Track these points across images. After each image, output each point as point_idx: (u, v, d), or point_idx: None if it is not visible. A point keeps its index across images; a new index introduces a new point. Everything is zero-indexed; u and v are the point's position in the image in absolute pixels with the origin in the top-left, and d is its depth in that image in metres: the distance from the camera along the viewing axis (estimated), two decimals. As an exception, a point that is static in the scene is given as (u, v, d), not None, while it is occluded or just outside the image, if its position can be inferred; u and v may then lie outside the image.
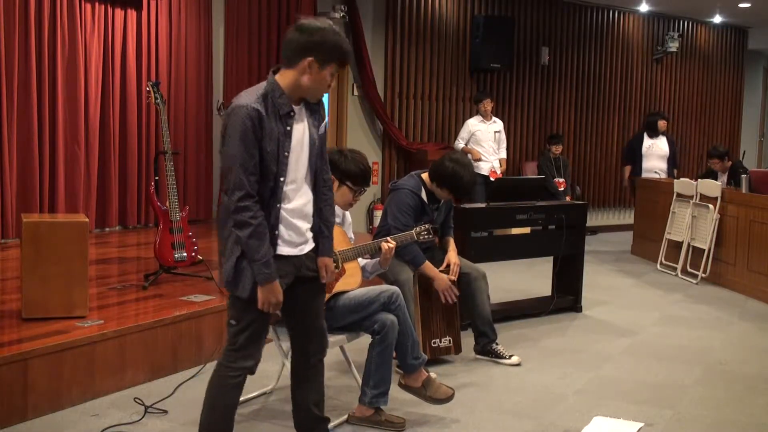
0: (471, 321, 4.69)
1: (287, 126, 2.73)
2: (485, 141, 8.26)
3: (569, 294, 5.91)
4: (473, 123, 8.33)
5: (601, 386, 4.25)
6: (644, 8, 10.85)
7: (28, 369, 3.50)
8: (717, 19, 11.66)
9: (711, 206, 7.09)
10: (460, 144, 8.34)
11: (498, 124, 8.41)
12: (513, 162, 9.90)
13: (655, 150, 8.97)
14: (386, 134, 8.99)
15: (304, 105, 2.82)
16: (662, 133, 9.06)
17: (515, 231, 5.68)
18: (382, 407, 3.57)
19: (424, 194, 4.46)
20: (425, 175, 4.50)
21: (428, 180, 4.48)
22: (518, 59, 9.96)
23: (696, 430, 3.68)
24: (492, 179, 7.92)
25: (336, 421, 3.51)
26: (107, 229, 7.11)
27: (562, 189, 9.32)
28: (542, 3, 10.16)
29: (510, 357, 4.58)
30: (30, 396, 3.51)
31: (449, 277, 4.43)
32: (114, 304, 4.46)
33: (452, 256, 4.54)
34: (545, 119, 10.38)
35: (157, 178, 5.38)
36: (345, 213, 3.77)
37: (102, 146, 6.99)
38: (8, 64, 6.18)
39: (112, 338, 3.88)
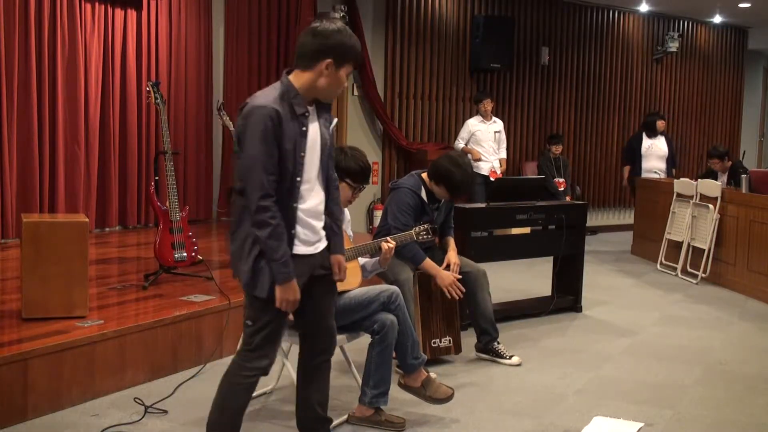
0: (473, 319, 4.69)
1: (303, 126, 2.77)
2: (485, 141, 8.26)
3: (569, 294, 5.90)
4: (473, 123, 8.33)
5: (601, 386, 4.25)
6: (644, 8, 10.85)
7: (28, 369, 3.50)
8: (717, 19, 11.66)
9: (711, 206, 7.09)
10: (460, 144, 8.34)
11: (498, 124, 8.41)
12: (513, 162, 9.90)
13: (655, 150, 8.97)
14: (386, 134, 8.99)
15: (315, 105, 2.85)
16: (661, 133, 9.06)
17: (515, 231, 5.68)
18: (382, 407, 3.57)
19: (424, 194, 4.46)
20: (425, 175, 4.51)
21: (428, 179, 4.48)
22: (518, 59, 9.96)
23: (696, 430, 3.68)
24: (492, 179, 7.92)
25: (336, 421, 3.51)
26: (107, 229, 7.11)
27: (562, 189, 9.32)
28: (542, 3, 10.16)
29: (510, 357, 4.58)
30: (30, 396, 3.51)
31: (453, 275, 4.43)
32: (114, 304, 4.46)
33: (452, 256, 4.54)
34: (545, 119, 10.38)
35: (157, 178, 5.38)
36: (344, 210, 3.77)
37: (102, 146, 6.99)
38: (8, 64, 6.18)
39: (112, 338, 3.88)
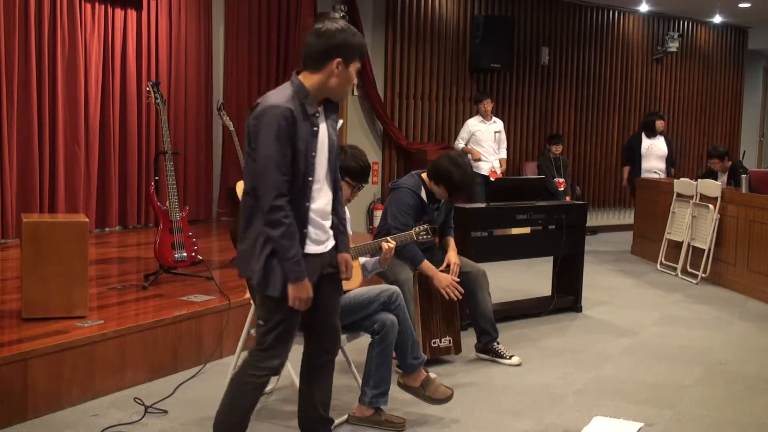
0: (472, 319, 4.69)
1: (314, 126, 2.79)
2: (485, 141, 8.26)
3: (569, 294, 5.90)
4: (473, 123, 8.33)
5: (601, 386, 4.25)
6: (644, 8, 10.85)
7: (28, 369, 3.50)
8: (717, 19, 11.66)
9: (711, 206, 7.09)
10: (460, 144, 8.34)
11: (498, 124, 8.41)
12: (513, 162, 9.89)
13: (654, 150, 8.97)
14: (386, 134, 8.99)
15: (323, 106, 2.87)
16: (660, 133, 9.05)
17: (515, 231, 5.68)
18: (382, 407, 3.57)
19: (424, 194, 4.46)
20: (425, 175, 4.51)
21: (427, 178, 4.48)
22: (518, 59, 9.95)
23: (696, 430, 3.68)
24: (492, 179, 7.92)
25: (336, 421, 3.50)
26: (107, 229, 7.11)
27: (562, 189, 9.31)
28: (542, 3, 10.16)
29: (510, 357, 4.58)
30: (30, 396, 3.51)
31: (452, 277, 4.43)
32: (114, 304, 4.46)
33: (452, 256, 4.54)
34: (545, 119, 10.38)
35: (157, 178, 5.38)
36: (345, 209, 3.77)
37: (102, 146, 6.99)
38: (8, 64, 6.18)
39: (112, 338, 3.88)
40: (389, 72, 8.94)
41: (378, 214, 8.47)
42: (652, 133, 8.98)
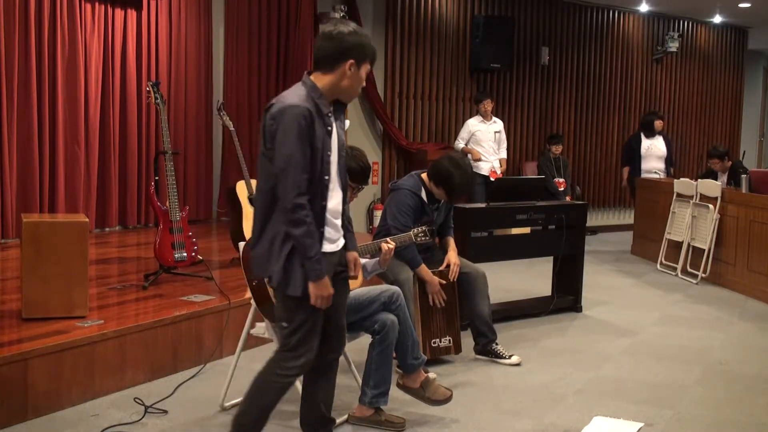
0: (470, 321, 4.69)
1: (328, 126, 2.81)
2: (485, 141, 8.26)
3: (569, 294, 5.90)
4: (473, 123, 8.33)
5: (601, 386, 4.25)
6: (644, 8, 10.85)
7: (28, 369, 3.50)
8: (717, 19, 11.66)
9: (711, 206, 7.09)
10: (460, 144, 8.34)
11: (498, 124, 8.41)
12: (513, 162, 9.89)
13: (654, 151, 8.96)
14: (386, 134, 8.99)
15: (333, 106, 2.90)
16: (659, 133, 9.04)
17: (515, 231, 5.68)
18: (382, 407, 3.57)
19: (424, 194, 4.46)
20: (425, 175, 4.51)
21: (427, 179, 4.48)
22: (518, 59, 9.95)
23: (696, 430, 3.68)
24: (492, 179, 7.92)
25: (336, 421, 3.51)
26: (107, 229, 7.11)
27: (562, 189, 9.31)
28: (542, 3, 10.16)
29: (510, 357, 4.58)
30: (30, 396, 3.51)
31: (441, 281, 4.46)
32: (114, 304, 4.46)
33: (452, 256, 4.55)
34: (545, 119, 10.38)
35: (157, 178, 5.38)
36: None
37: (102, 146, 6.99)
38: (8, 64, 6.18)
39: (112, 338, 3.88)
40: (389, 72, 8.94)
41: (378, 215, 8.47)
42: (651, 133, 8.97)
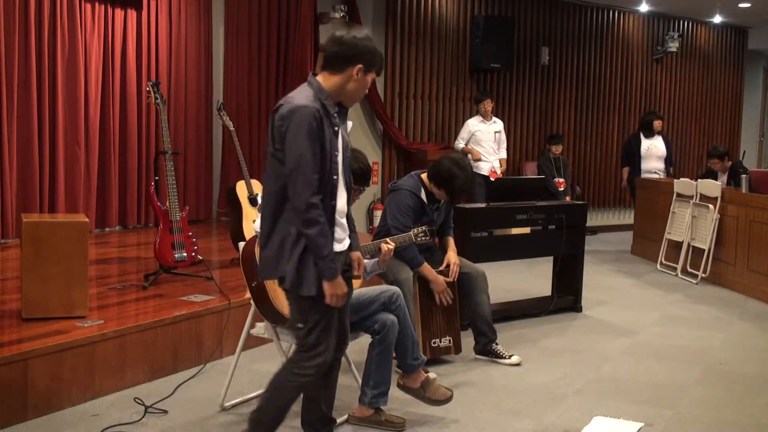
0: (470, 321, 4.69)
1: (335, 126, 2.83)
2: (485, 141, 8.26)
3: (569, 294, 5.90)
4: (473, 123, 8.33)
5: (601, 386, 4.25)
6: (644, 8, 10.85)
7: (28, 369, 3.50)
8: (717, 19, 11.66)
9: (711, 206, 7.09)
10: (460, 144, 8.34)
11: (498, 125, 8.41)
12: (513, 162, 9.89)
13: (654, 151, 8.95)
14: (386, 134, 8.99)
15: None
16: (658, 133, 9.04)
17: (515, 231, 5.68)
18: (382, 407, 3.57)
19: (424, 194, 4.46)
20: (424, 175, 4.50)
21: (427, 180, 4.48)
22: (518, 59, 9.95)
23: (696, 430, 3.68)
24: (492, 179, 7.91)
25: (337, 421, 3.51)
26: (107, 229, 7.11)
27: (562, 189, 9.31)
28: (542, 3, 10.16)
29: (510, 357, 4.58)
30: (30, 396, 3.51)
31: (446, 279, 4.45)
32: (114, 304, 4.46)
33: (452, 256, 4.55)
34: (545, 119, 10.38)
35: (157, 178, 5.37)
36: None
37: (102, 146, 6.99)
38: (8, 64, 6.18)
39: (112, 338, 3.88)
40: (389, 72, 8.94)
41: (378, 215, 8.47)
42: (650, 133, 8.97)
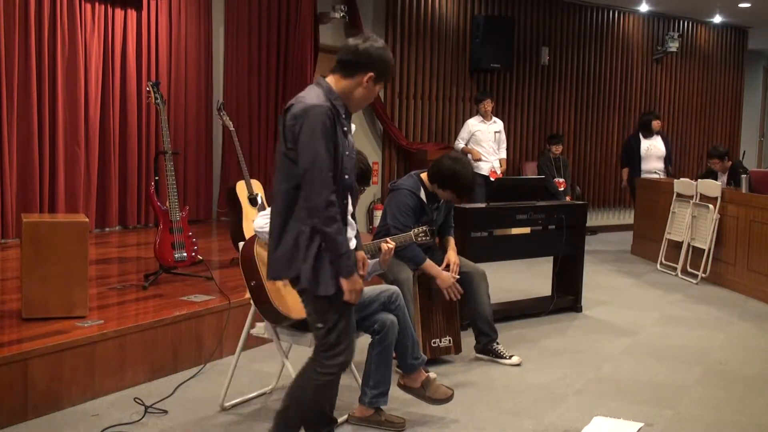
0: (471, 320, 4.69)
1: (344, 126, 2.84)
2: (485, 141, 8.26)
3: (569, 294, 5.90)
4: (473, 123, 8.34)
5: (601, 386, 4.25)
6: (644, 8, 10.85)
7: (28, 369, 3.50)
8: (717, 19, 11.66)
9: (711, 206, 7.09)
10: (460, 144, 8.35)
11: (498, 125, 8.41)
12: (513, 162, 9.90)
13: (654, 151, 8.95)
14: (386, 134, 8.99)
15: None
16: (657, 133, 9.04)
17: (515, 231, 5.67)
18: (382, 407, 3.57)
19: (423, 194, 4.45)
20: (424, 175, 4.50)
21: (427, 180, 4.47)
22: (518, 59, 9.96)
23: (696, 430, 3.68)
24: (492, 179, 7.92)
25: (338, 421, 3.51)
26: (107, 229, 7.10)
27: (562, 189, 9.31)
28: (542, 3, 10.16)
29: (510, 357, 4.58)
30: (30, 396, 3.51)
31: (452, 275, 4.44)
32: (114, 304, 4.46)
33: (452, 256, 4.54)
34: (545, 119, 10.38)
35: (157, 178, 5.37)
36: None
37: (102, 146, 6.99)
38: (8, 64, 6.18)
39: (112, 338, 3.88)
40: (389, 72, 8.93)
41: (378, 214, 8.47)
42: (649, 134, 8.96)
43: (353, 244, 2.98)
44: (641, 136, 8.98)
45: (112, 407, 3.71)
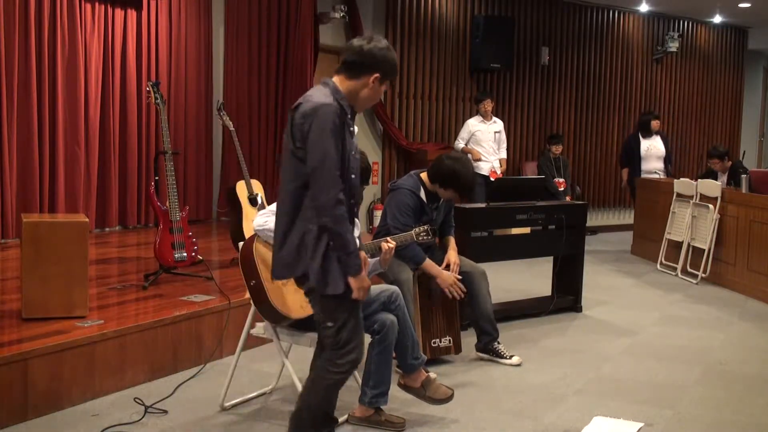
0: (473, 319, 4.68)
1: (350, 126, 2.85)
2: (485, 141, 8.26)
3: (569, 294, 5.90)
4: (473, 123, 8.34)
5: (601, 386, 4.25)
6: (644, 8, 10.86)
7: (28, 369, 3.50)
8: (717, 19, 11.66)
9: (711, 206, 7.09)
10: (460, 144, 8.35)
11: (498, 124, 8.41)
12: (513, 162, 9.90)
13: (654, 151, 8.95)
14: (386, 134, 8.99)
15: None
16: (657, 133, 9.04)
17: (515, 231, 5.68)
18: (382, 407, 3.57)
19: (423, 194, 4.45)
20: (424, 175, 4.50)
21: (427, 179, 4.47)
22: (518, 59, 9.96)
23: (696, 430, 3.68)
24: (492, 179, 7.92)
25: (338, 421, 3.51)
26: (107, 229, 7.10)
27: (562, 189, 9.31)
28: (542, 3, 10.17)
29: (511, 357, 4.58)
30: (30, 396, 3.51)
31: (453, 275, 4.44)
32: (114, 304, 4.46)
33: (452, 255, 4.54)
34: (545, 119, 10.39)
35: (157, 178, 5.38)
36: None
37: (102, 146, 6.99)
38: (8, 64, 6.18)
39: (112, 338, 3.88)
40: (389, 72, 8.93)
41: (378, 214, 8.47)
42: (648, 134, 8.96)
43: (357, 243, 2.98)
44: (641, 136, 8.98)
45: (112, 407, 3.71)
